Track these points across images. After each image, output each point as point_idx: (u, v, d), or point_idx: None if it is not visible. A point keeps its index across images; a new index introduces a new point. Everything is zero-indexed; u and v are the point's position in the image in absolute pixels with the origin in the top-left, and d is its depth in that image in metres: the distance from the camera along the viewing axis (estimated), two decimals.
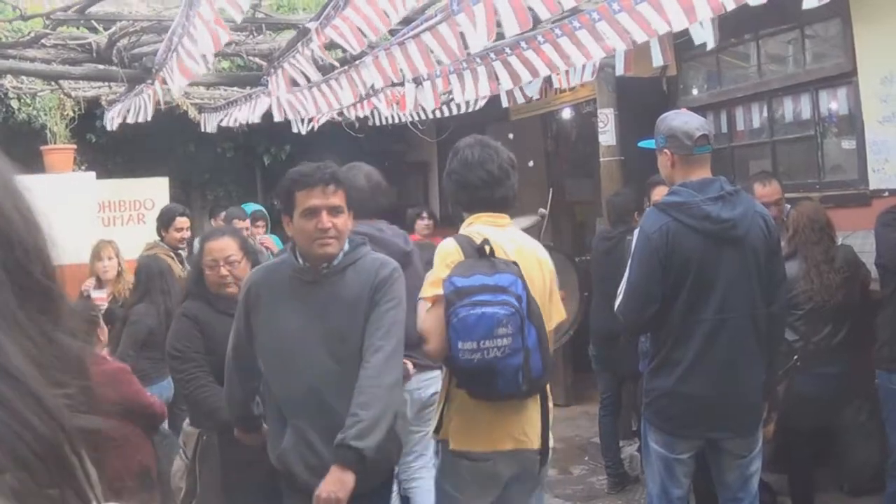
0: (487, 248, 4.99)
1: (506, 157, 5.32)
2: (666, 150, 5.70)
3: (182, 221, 10.08)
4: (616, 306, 5.84)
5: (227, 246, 6.16)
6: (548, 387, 5.38)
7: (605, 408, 9.48)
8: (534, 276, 5.20)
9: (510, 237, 5.30)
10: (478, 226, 5.24)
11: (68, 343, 1.06)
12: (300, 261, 5.01)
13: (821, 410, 7.36)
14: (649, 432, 5.95)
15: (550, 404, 5.40)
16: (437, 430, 5.32)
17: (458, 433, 5.21)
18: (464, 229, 5.29)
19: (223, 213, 13.02)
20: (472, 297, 4.83)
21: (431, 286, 5.05)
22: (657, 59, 7.75)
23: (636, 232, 5.78)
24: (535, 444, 5.26)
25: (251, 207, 12.06)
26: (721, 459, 5.84)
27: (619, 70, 8.79)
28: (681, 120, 5.77)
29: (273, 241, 11.84)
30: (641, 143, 6.23)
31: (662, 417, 5.80)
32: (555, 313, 5.45)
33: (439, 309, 4.92)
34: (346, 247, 5.03)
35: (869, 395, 7.25)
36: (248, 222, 11.03)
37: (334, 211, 4.86)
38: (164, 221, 9.94)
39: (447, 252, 5.10)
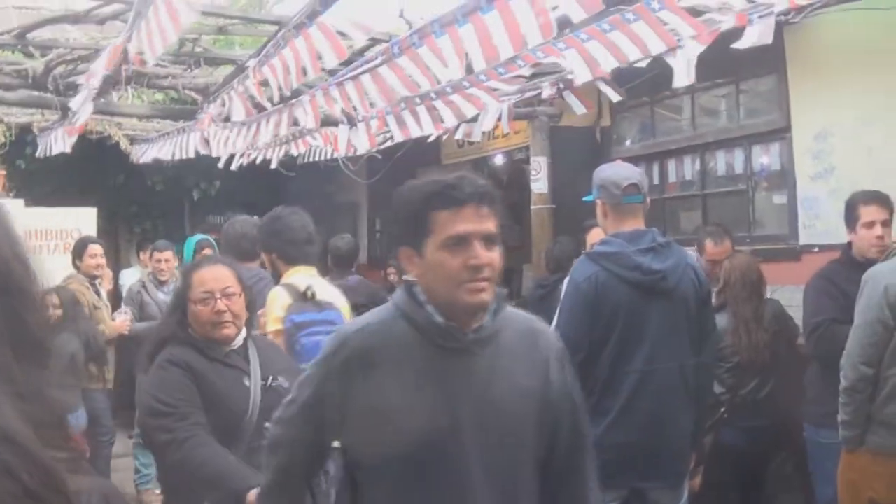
0: (310, 293, 5.90)
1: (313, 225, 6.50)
2: (598, 200, 5.79)
3: (94, 248, 10.12)
4: None
5: (223, 275, 5.00)
6: None
7: None
8: (345, 315, 6.13)
9: (321, 285, 6.20)
10: (298, 276, 6.15)
11: (58, 398, 1.01)
12: (438, 317, 3.36)
13: (746, 463, 7.37)
14: None
15: None
16: None
17: None
18: (286, 279, 6.18)
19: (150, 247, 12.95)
20: (308, 329, 5.81)
21: (273, 323, 5.90)
22: (614, 96, 7.80)
23: (566, 280, 5.81)
24: None
25: (196, 238, 11.90)
26: None
27: (581, 110, 8.72)
28: (612, 170, 5.83)
29: None
30: (586, 198, 6.28)
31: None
32: None
33: (280, 340, 5.77)
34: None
35: (795, 448, 7.29)
36: (168, 254, 10.85)
37: (489, 241, 3.32)
38: (78, 251, 9.99)
39: (278, 297, 5.98)
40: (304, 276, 6.20)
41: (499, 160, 13.61)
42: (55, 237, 11.52)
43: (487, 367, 3.38)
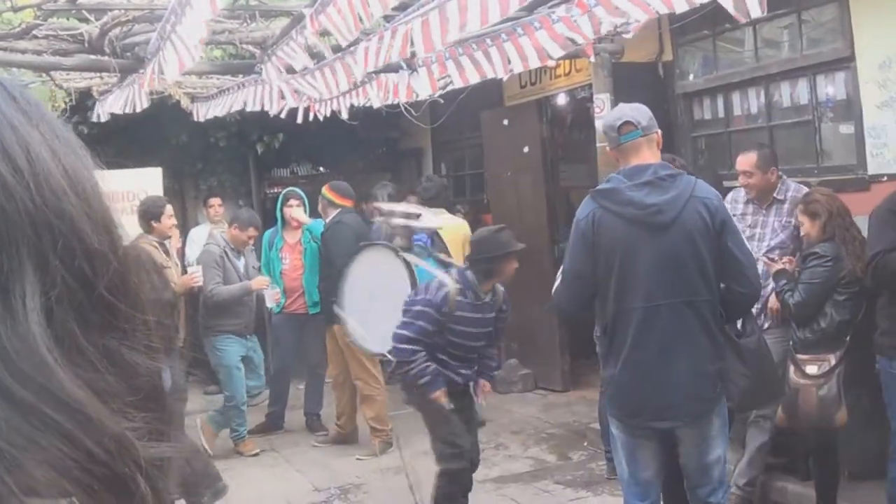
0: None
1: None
2: (608, 150, 6.08)
3: (171, 208, 10.32)
4: (553, 291, 6.22)
5: None
6: None
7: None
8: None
9: (429, 218, 9.07)
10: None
11: (136, 362, 0.97)
12: None
13: None
14: (609, 419, 6.22)
15: None
16: None
17: None
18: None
19: (213, 200, 13.42)
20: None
21: None
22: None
23: None
24: None
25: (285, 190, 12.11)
26: (678, 447, 5.95)
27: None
28: (607, 117, 6.07)
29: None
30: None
31: (614, 405, 6.03)
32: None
33: None
34: None
35: (867, 381, 7.25)
36: (252, 231, 11.04)
37: None
38: (155, 212, 10.00)
39: None
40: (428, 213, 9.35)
41: (561, 100, 13.53)
42: (121, 199, 11.50)
43: None
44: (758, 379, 5.99)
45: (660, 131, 5.95)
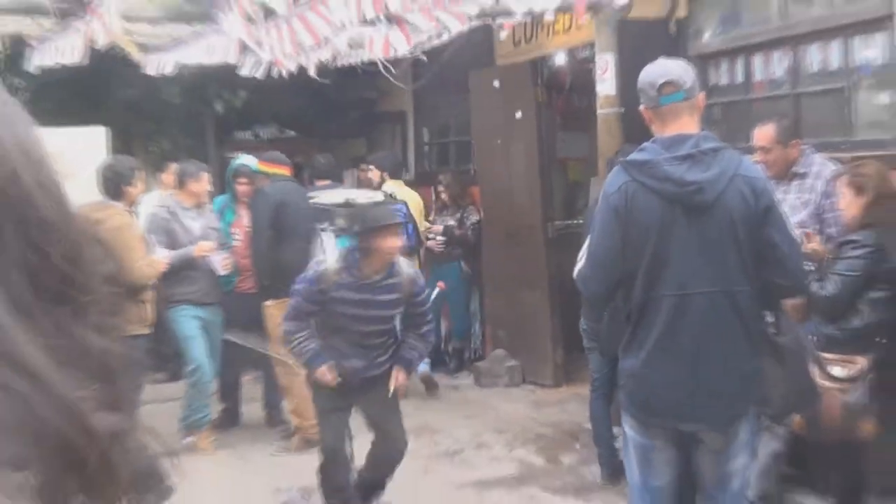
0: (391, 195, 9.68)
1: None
2: (641, 108, 5.78)
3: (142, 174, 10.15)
4: (575, 273, 6.04)
5: None
6: None
7: (597, 389, 9.36)
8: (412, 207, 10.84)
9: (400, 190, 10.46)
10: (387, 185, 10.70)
11: (91, 340, 0.99)
12: None
13: None
14: (624, 417, 6.08)
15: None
16: None
17: None
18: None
19: (173, 166, 12.82)
20: None
21: None
22: None
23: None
24: None
25: (235, 163, 11.85)
26: (696, 452, 5.86)
27: None
28: (648, 70, 5.79)
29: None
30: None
31: (633, 401, 5.89)
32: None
33: None
34: None
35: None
36: (204, 180, 10.78)
37: None
38: (127, 176, 9.83)
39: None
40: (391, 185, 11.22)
41: (560, 59, 13.38)
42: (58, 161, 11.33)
43: None
44: (796, 382, 5.94)
45: (703, 94, 5.84)
